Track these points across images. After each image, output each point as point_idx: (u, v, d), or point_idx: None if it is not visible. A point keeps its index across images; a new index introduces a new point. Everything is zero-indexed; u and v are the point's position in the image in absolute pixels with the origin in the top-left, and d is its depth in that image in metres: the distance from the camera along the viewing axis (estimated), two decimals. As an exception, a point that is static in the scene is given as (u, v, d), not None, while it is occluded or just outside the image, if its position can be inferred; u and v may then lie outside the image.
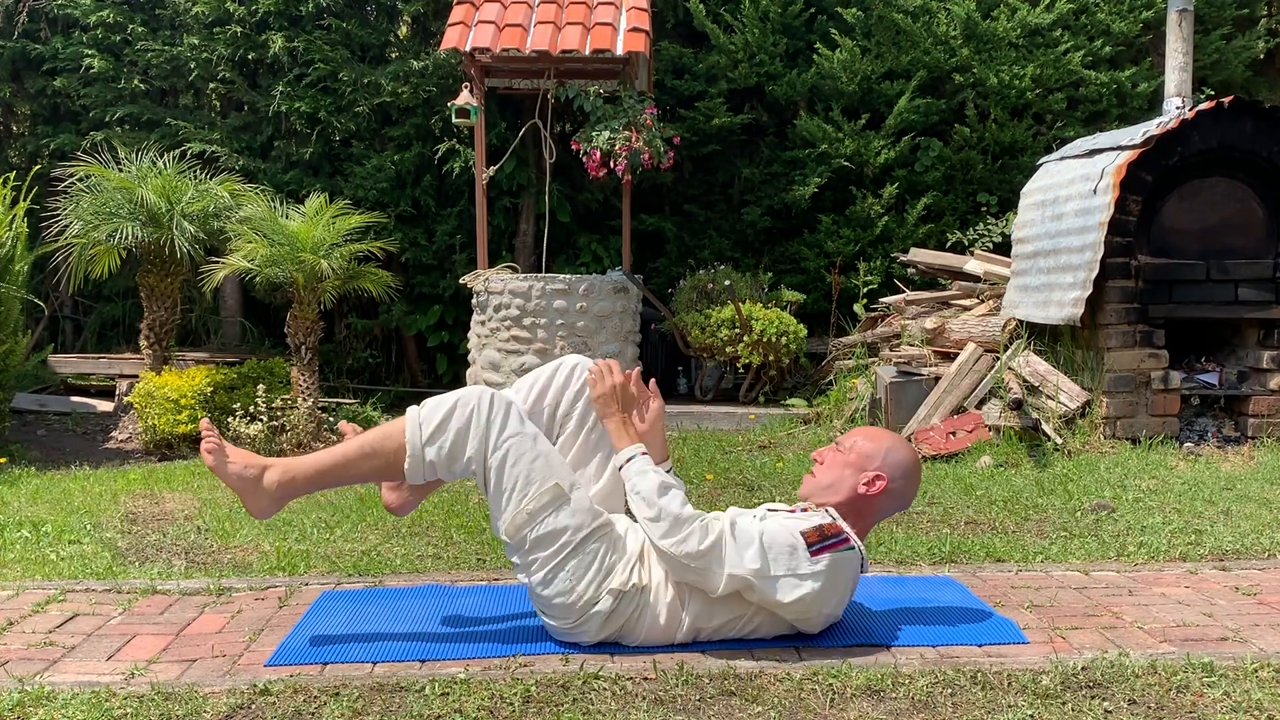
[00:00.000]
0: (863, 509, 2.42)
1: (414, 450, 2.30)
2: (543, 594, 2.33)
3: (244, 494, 2.35)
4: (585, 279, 6.40)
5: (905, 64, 7.36)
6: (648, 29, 6.40)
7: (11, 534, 3.51)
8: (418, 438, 2.31)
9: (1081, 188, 5.26)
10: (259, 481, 2.33)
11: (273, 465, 2.35)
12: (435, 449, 2.30)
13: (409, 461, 2.31)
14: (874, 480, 2.40)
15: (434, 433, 2.31)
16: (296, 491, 2.37)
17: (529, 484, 2.30)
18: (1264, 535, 3.43)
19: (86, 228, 5.56)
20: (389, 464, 2.35)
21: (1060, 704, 2.03)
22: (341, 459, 2.35)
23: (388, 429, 2.37)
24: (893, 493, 2.42)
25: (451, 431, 2.30)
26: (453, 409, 2.32)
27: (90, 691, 2.08)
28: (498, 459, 2.30)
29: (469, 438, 2.31)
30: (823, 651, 2.33)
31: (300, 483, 2.35)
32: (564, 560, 2.29)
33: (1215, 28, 7.49)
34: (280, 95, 7.35)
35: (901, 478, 2.43)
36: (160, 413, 5.35)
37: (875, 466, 2.41)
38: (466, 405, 2.32)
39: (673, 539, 2.24)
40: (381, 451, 2.34)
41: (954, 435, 5.00)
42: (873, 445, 2.44)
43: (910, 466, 2.45)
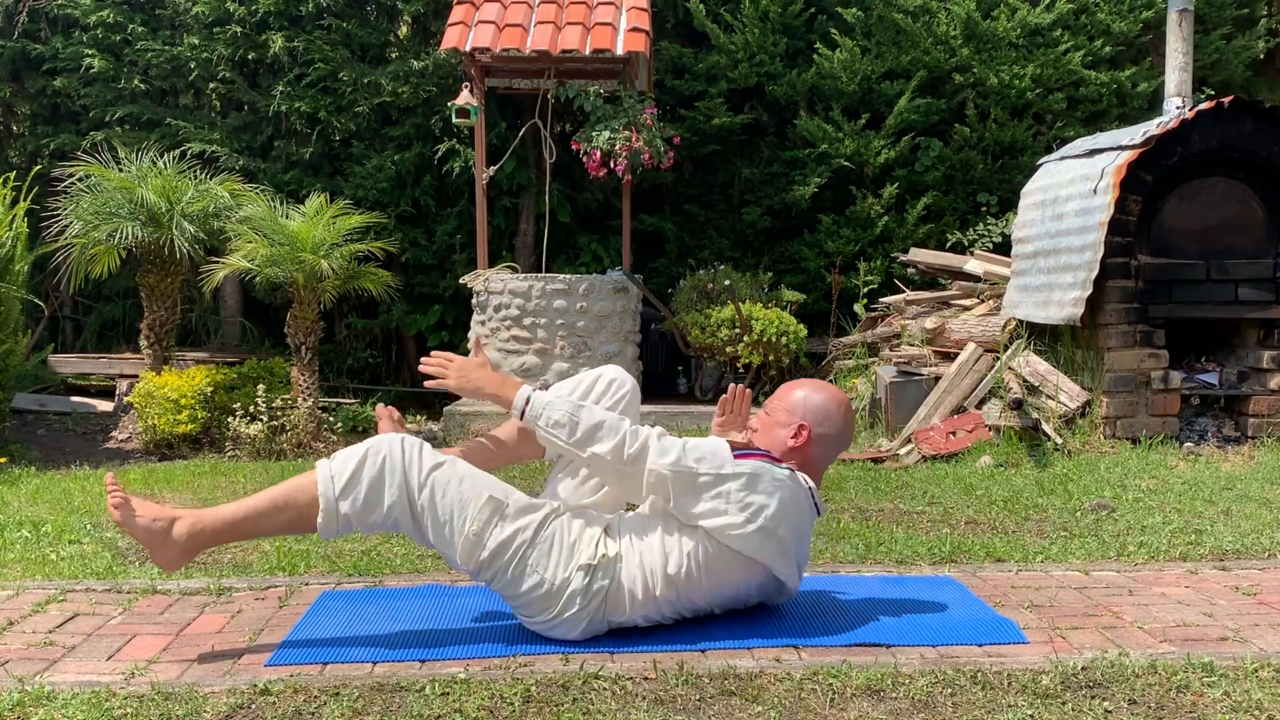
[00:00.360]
0: (801, 461, 2.46)
1: (327, 504, 2.26)
2: (518, 595, 2.34)
3: (152, 547, 2.30)
4: (585, 279, 6.40)
5: (905, 64, 7.36)
6: (648, 29, 6.40)
7: (11, 534, 3.51)
8: (331, 490, 2.26)
9: (1081, 188, 5.26)
10: (167, 534, 2.29)
11: (182, 517, 2.31)
12: (349, 502, 2.26)
13: (322, 516, 2.27)
14: (799, 430, 2.45)
15: (347, 485, 2.26)
16: (206, 543, 2.33)
17: (464, 507, 2.29)
18: (1264, 535, 3.43)
19: (86, 228, 5.56)
20: (301, 517, 2.30)
21: (1060, 704, 2.02)
22: (252, 511, 2.31)
23: (298, 482, 2.32)
24: (822, 437, 2.46)
25: (365, 483, 2.27)
26: (363, 459, 2.29)
27: (90, 691, 2.08)
28: (425, 497, 2.29)
29: (385, 487, 2.27)
30: (823, 651, 2.33)
31: (209, 535, 2.31)
32: (524, 557, 2.30)
33: (1215, 28, 7.49)
34: (280, 95, 7.35)
35: (824, 420, 2.46)
36: (160, 413, 5.36)
37: (798, 417, 2.46)
38: (378, 454, 2.29)
39: (605, 446, 2.29)
40: (293, 504, 2.29)
41: (954, 435, 5.00)
42: (791, 398, 2.49)
43: (830, 406, 2.47)
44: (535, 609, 2.35)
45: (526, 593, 2.32)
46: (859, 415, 5.73)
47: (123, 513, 2.27)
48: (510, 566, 2.31)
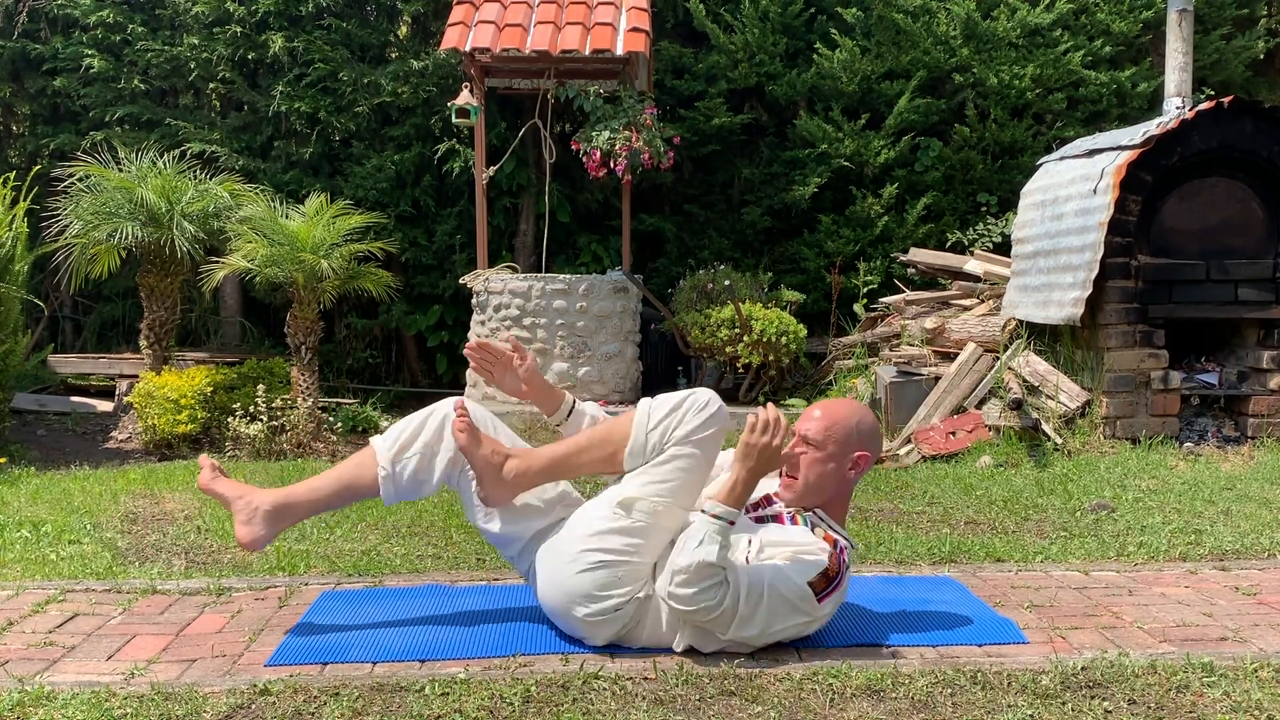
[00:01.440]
0: (847, 490, 2.44)
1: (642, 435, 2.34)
2: (574, 582, 2.29)
3: (483, 479, 2.37)
4: (585, 279, 6.40)
5: (905, 64, 7.36)
6: (648, 29, 6.40)
7: (11, 534, 3.51)
8: (645, 423, 2.35)
9: (1081, 188, 5.26)
10: (499, 470, 2.35)
11: (514, 456, 2.38)
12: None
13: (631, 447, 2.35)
14: (859, 461, 2.38)
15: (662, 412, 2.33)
16: (528, 484, 2.40)
17: (669, 487, 2.30)
18: (1264, 535, 3.43)
19: (86, 228, 5.55)
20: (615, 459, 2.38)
21: (1060, 704, 2.03)
22: (575, 449, 2.40)
23: (618, 420, 2.41)
24: (870, 459, 2.42)
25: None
26: (683, 400, 2.34)
27: (90, 691, 2.08)
28: (675, 448, 2.32)
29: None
30: (823, 651, 2.33)
31: (533, 475, 2.39)
32: (617, 562, 2.27)
33: (1215, 28, 7.49)
34: (280, 95, 7.35)
35: (876, 443, 2.43)
36: (160, 413, 5.35)
37: (855, 447, 2.36)
38: (703, 408, 2.32)
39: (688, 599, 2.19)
40: (611, 439, 2.37)
41: (954, 435, 5.00)
42: (843, 428, 2.36)
43: (876, 427, 2.45)
44: (580, 603, 2.30)
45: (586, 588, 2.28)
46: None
47: (468, 438, 2.34)
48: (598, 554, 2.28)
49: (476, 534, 3.51)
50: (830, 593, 2.27)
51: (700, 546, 2.16)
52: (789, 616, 2.24)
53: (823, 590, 2.26)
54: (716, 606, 2.18)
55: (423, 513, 3.85)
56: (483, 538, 3.45)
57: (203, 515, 3.84)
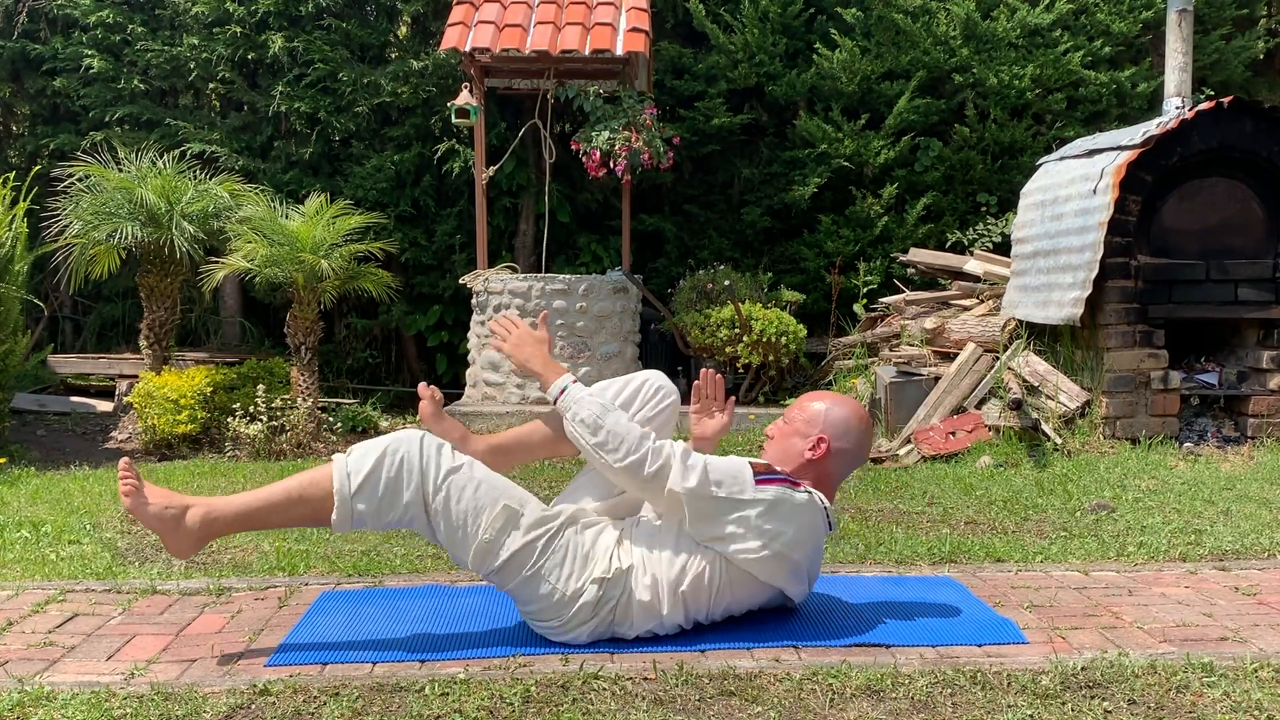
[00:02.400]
0: (816, 474, 2.45)
1: (342, 501, 2.25)
2: (528, 602, 2.33)
3: (164, 534, 2.28)
4: (585, 279, 6.40)
5: (905, 64, 7.36)
6: (647, 29, 6.40)
7: (11, 534, 3.51)
8: (346, 488, 2.25)
9: (1081, 188, 5.26)
10: (180, 521, 2.26)
11: (195, 505, 2.28)
12: (365, 500, 2.25)
13: (336, 513, 2.25)
14: (817, 444, 2.43)
15: (363, 483, 2.25)
16: (219, 532, 2.31)
17: (479, 513, 2.28)
18: (1264, 535, 3.43)
19: (86, 228, 5.55)
20: (315, 512, 2.28)
21: (1060, 704, 2.02)
22: (265, 503, 2.29)
23: (314, 475, 2.30)
24: (840, 451, 2.45)
25: (383, 482, 2.25)
26: (381, 457, 2.27)
27: (90, 691, 2.08)
28: (440, 501, 2.27)
29: (403, 487, 2.26)
30: (823, 651, 2.33)
31: (222, 523, 2.30)
32: (537, 566, 2.29)
33: (1215, 28, 7.50)
34: (280, 95, 7.35)
35: (844, 435, 2.45)
36: (160, 413, 5.35)
37: (817, 430, 2.45)
38: (396, 454, 2.27)
39: (624, 459, 2.28)
40: (308, 499, 2.27)
41: (954, 435, 5.00)
42: (812, 410, 2.47)
43: (851, 421, 2.47)
44: (545, 616, 2.34)
45: (538, 600, 2.31)
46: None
47: (134, 500, 2.25)
48: (523, 574, 2.30)
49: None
50: (770, 480, 2.32)
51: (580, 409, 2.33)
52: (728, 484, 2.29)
53: (761, 473, 2.33)
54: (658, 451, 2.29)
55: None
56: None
57: (202, 515, 3.84)
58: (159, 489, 2.31)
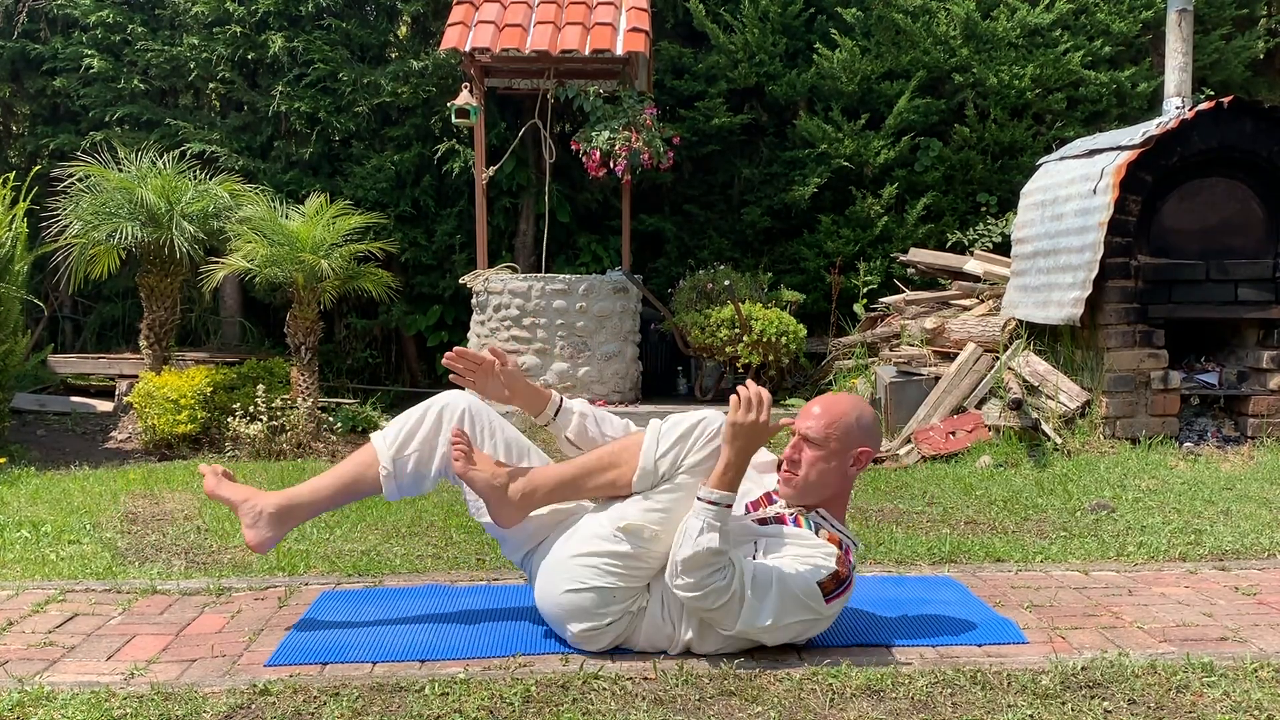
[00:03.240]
0: (848, 487, 2.42)
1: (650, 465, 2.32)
2: (566, 599, 2.30)
3: (492, 503, 2.36)
4: (585, 279, 6.40)
5: (905, 64, 7.36)
6: (647, 29, 6.40)
7: (11, 534, 3.51)
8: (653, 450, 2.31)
9: (1081, 188, 5.26)
10: (504, 491, 2.34)
11: (516, 476, 2.36)
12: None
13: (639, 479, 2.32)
14: (860, 456, 2.35)
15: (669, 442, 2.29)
16: (536, 503, 2.38)
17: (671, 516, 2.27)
18: (1264, 535, 3.43)
19: (86, 228, 5.55)
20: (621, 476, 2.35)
21: (1060, 704, 2.02)
22: (581, 470, 2.37)
23: (625, 443, 2.38)
24: (872, 454, 2.40)
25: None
26: (692, 428, 2.30)
27: (90, 691, 2.08)
28: (685, 476, 2.29)
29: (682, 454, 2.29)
30: (823, 651, 2.33)
31: (540, 495, 2.37)
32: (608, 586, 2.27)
33: (1215, 28, 7.50)
34: (280, 95, 7.35)
35: (876, 437, 2.40)
36: (160, 413, 5.35)
37: (857, 443, 2.33)
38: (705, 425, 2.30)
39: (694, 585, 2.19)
40: (620, 463, 2.34)
41: (954, 435, 5.00)
42: (844, 425, 2.32)
43: (876, 419, 2.42)
44: (576, 617, 2.30)
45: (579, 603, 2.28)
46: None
47: (464, 465, 2.33)
48: (591, 569, 2.28)
49: (477, 534, 3.51)
50: (839, 594, 2.27)
51: (701, 535, 2.16)
52: (796, 612, 2.22)
53: (831, 592, 2.25)
54: (725, 589, 2.17)
55: (423, 513, 3.85)
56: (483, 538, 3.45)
57: (202, 515, 3.84)
58: (486, 458, 2.39)
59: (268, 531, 2.44)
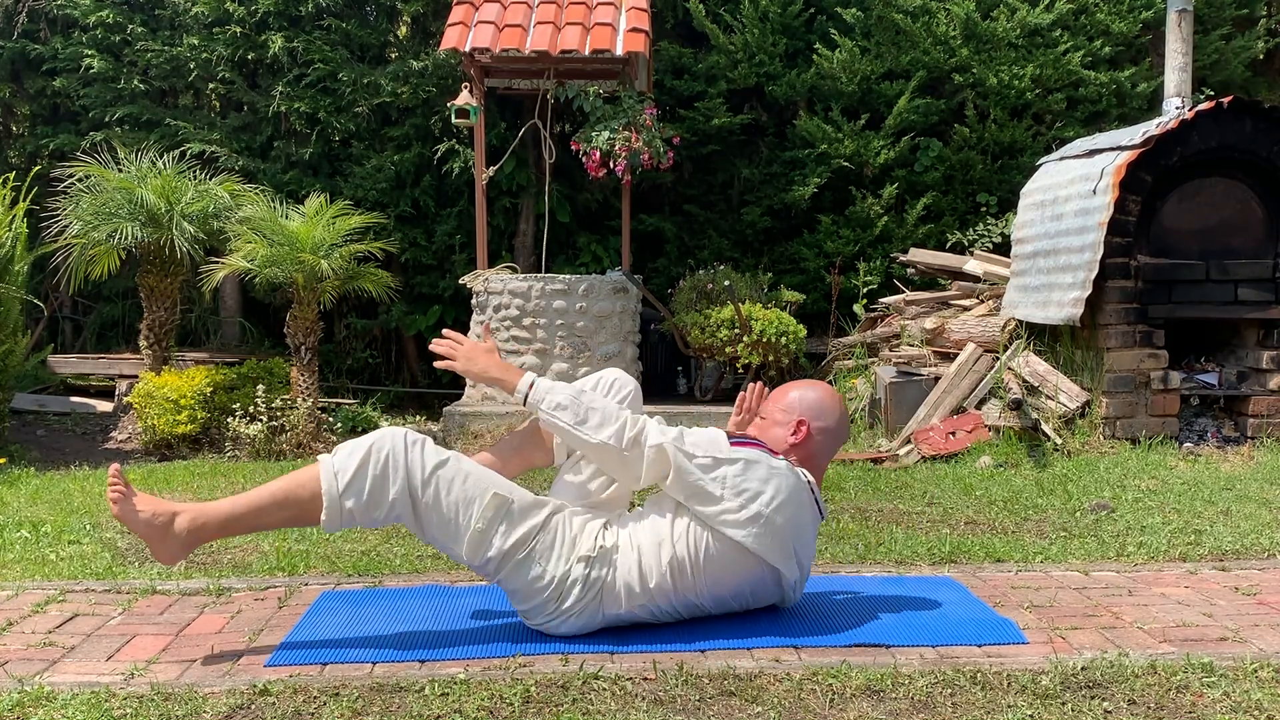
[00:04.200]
0: (800, 457, 2.50)
1: (331, 501, 2.27)
2: (520, 589, 2.36)
3: (151, 541, 2.29)
4: (585, 279, 6.40)
5: (905, 64, 7.36)
6: (647, 29, 6.40)
7: (11, 534, 3.51)
8: (334, 488, 2.27)
9: (1081, 188, 5.26)
10: (168, 529, 2.28)
11: (182, 512, 2.30)
12: (354, 499, 2.27)
13: (326, 513, 2.27)
14: (798, 427, 2.49)
15: (350, 481, 2.27)
16: (207, 537, 2.33)
17: (469, 504, 2.31)
18: (1264, 535, 3.44)
19: (86, 228, 5.55)
20: (304, 513, 2.31)
21: (1060, 704, 2.03)
22: (253, 506, 2.31)
23: (299, 478, 2.32)
24: (822, 431, 2.51)
25: (369, 479, 2.28)
26: (367, 455, 2.29)
27: (90, 692, 2.08)
28: (430, 495, 2.30)
29: (389, 483, 2.28)
30: (823, 651, 2.33)
31: (211, 529, 2.31)
32: (530, 552, 2.33)
33: (1215, 28, 7.49)
34: (280, 95, 7.35)
35: (822, 415, 2.52)
36: (160, 413, 5.35)
37: (795, 415, 2.50)
38: (381, 450, 2.29)
39: (604, 428, 2.34)
40: (295, 500, 2.30)
41: (954, 435, 5.00)
42: (787, 399, 2.54)
43: (825, 401, 2.54)
44: (535, 602, 2.36)
45: (528, 585, 2.34)
46: (859, 416, 5.73)
47: (122, 506, 2.27)
48: (516, 561, 2.33)
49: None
50: (744, 443, 2.39)
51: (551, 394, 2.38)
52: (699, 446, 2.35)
53: (735, 437, 2.42)
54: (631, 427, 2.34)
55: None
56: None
57: (202, 515, 3.84)
58: (147, 496, 2.32)
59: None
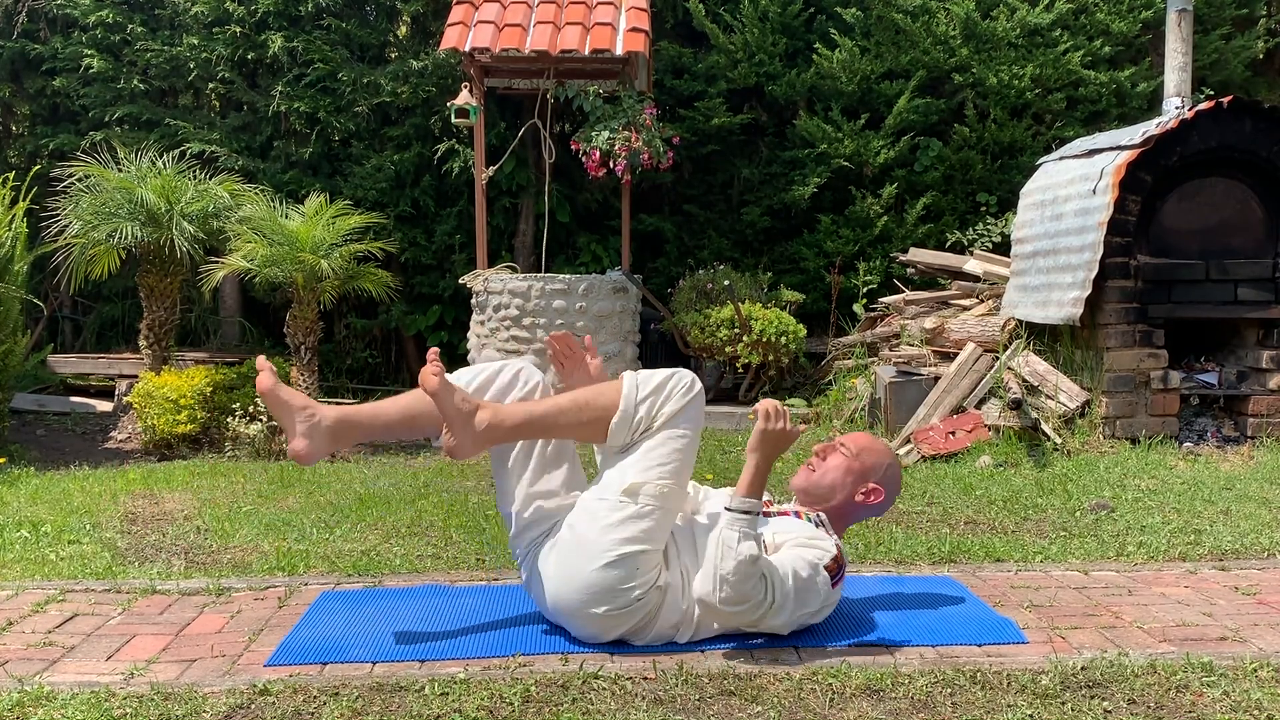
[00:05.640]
0: (850, 514, 2.54)
1: (628, 404, 2.32)
2: (595, 578, 2.26)
3: (454, 426, 2.27)
4: (585, 279, 6.40)
5: (905, 64, 7.36)
6: (647, 29, 6.40)
7: (11, 534, 3.51)
8: (634, 393, 2.33)
9: (1081, 188, 5.26)
10: (470, 418, 2.27)
11: (484, 407, 2.30)
12: (646, 403, 2.33)
13: (619, 415, 2.32)
14: (872, 492, 2.50)
15: (652, 389, 2.34)
16: (501, 438, 2.33)
17: (670, 469, 2.31)
18: (1263, 535, 3.44)
19: (86, 228, 5.55)
20: (598, 419, 2.34)
21: (1060, 704, 2.03)
22: (554, 409, 2.34)
23: (600, 387, 2.40)
24: (879, 505, 2.54)
25: (665, 390, 2.35)
26: (668, 377, 2.36)
27: (90, 691, 2.08)
28: (666, 430, 2.32)
29: (667, 401, 2.34)
30: (822, 651, 2.33)
31: (506, 429, 2.31)
32: (636, 552, 2.27)
33: (1214, 28, 7.50)
34: (280, 95, 7.35)
35: (894, 493, 2.57)
36: (159, 413, 5.35)
37: (877, 479, 2.51)
38: (682, 378, 2.36)
39: (737, 598, 2.23)
40: (594, 405, 2.35)
41: (953, 435, 5.00)
42: (876, 458, 2.52)
43: (899, 483, 2.59)
44: (602, 601, 2.28)
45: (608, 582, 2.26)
46: (859, 415, 5.73)
47: (440, 383, 2.25)
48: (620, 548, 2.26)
49: (476, 534, 3.51)
50: (839, 580, 2.37)
51: (740, 544, 2.20)
52: (809, 602, 2.31)
53: (834, 575, 2.35)
54: (764, 599, 2.23)
55: (422, 513, 3.86)
56: (483, 538, 3.45)
57: (202, 515, 3.84)
58: (459, 386, 2.32)
59: (321, 444, 2.33)
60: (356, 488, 4.38)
